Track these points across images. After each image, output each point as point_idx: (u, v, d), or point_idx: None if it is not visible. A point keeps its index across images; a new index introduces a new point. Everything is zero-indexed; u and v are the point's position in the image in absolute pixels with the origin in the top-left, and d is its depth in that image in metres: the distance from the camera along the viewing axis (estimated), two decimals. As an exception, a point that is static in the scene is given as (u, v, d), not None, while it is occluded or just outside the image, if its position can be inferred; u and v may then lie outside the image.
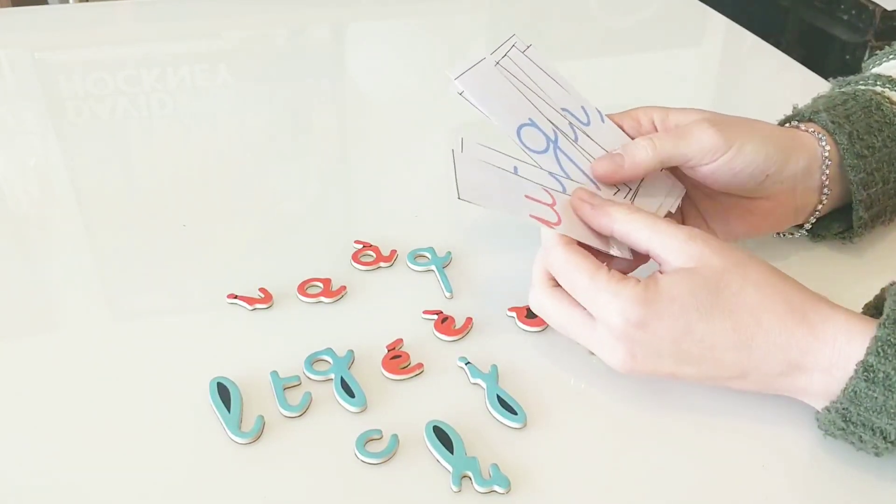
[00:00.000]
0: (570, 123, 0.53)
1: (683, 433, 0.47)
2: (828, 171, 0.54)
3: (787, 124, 0.58)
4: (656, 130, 0.54)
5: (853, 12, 1.38)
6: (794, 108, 0.59)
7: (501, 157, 0.50)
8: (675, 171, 0.55)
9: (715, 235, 0.55)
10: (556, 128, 0.52)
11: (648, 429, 0.47)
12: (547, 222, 0.48)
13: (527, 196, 0.48)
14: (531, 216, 0.47)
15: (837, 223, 0.59)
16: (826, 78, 0.85)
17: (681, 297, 0.44)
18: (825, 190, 0.55)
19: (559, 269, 0.47)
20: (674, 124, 0.54)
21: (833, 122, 0.55)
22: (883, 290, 0.46)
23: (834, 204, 0.57)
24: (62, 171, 0.72)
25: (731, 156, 0.51)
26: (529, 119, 0.52)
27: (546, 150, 0.51)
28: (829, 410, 0.44)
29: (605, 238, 0.49)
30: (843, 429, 0.44)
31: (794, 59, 0.90)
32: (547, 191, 0.50)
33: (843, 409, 0.43)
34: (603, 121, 0.55)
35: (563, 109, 0.54)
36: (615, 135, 0.55)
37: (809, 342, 0.43)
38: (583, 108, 0.55)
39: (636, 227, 0.47)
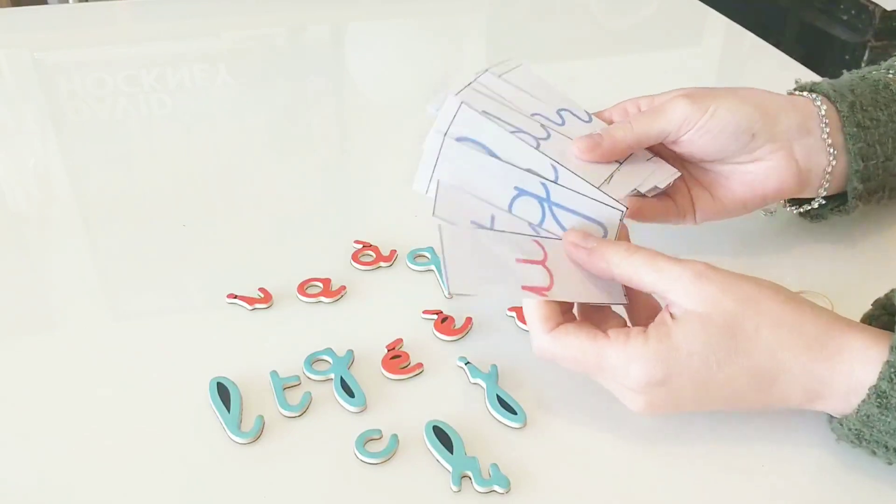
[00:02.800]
0: (543, 125, 0.52)
1: (684, 433, 0.47)
2: (828, 130, 0.54)
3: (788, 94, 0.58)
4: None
5: (853, 12, 1.38)
6: (797, 81, 0.59)
7: (478, 205, 0.49)
8: (664, 151, 0.55)
9: (725, 208, 0.56)
10: (533, 135, 0.51)
11: (649, 428, 0.47)
12: (538, 289, 0.45)
13: (518, 260, 0.46)
14: (524, 288, 0.45)
15: (834, 200, 0.58)
16: (826, 78, 0.85)
17: (698, 350, 0.42)
18: (830, 150, 0.54)
19: (557, 355, 0.45)
20: (657, 103, 0.54)
21: (834, 91, 0.55)
22: (893, 290, 0.45)
23: (841, 175, 0.56)
24: (62, 170, 0.72)
25: (705, 119, 0.51)
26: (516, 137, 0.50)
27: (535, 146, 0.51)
28: (841, 425, 0.43)
29: (598, 289, 0.47)
30: (856, 443, 0.44)
31: (794, 58, 0.90)
32: (537, 241, 0.48)
33: (856, 429, 0.43)
34: (589, 120, 0.55)
35: (535, 115, 0.53)
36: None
37: (828, 374, 0.42)
38: (558, 112, 0.54)
39: (637, 269, 0.44)
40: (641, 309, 0.47)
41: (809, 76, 0.85)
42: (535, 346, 0.46)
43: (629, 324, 0.47)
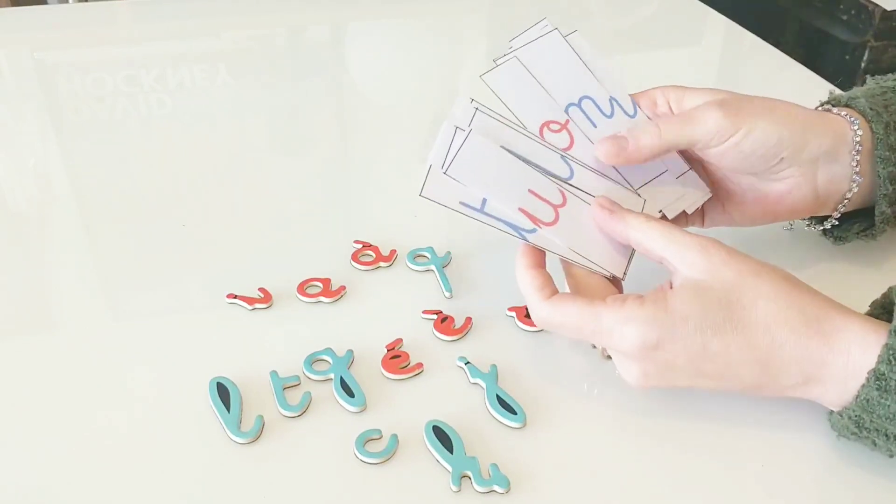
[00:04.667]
0: (586, 114, 0.53)
1: (684, 432, 0.47)
2: (858, 157, 0.52)
3: (821, 108, 0.56)
4: (672, 112, 0.53)
5: (853, 12, 1.38)
6: (831, 93, 0.58)
7: (511, 133, 0.50)
8: (687, 153, 0.53)
9: (733, 220, 0.55)
10: (572, 119, 0.52)
11: (649, 428, 0.47)
12: (535, 220, 0.47)
13: (530, 191, 0.48)
14: (520, 210, 0.46)
15: (858, 223, 0.57)
16: (826, 78, 0.85)
17: (693, 315, 0.43)
18: (855, 177, 0.53)
19: (556, 323, 0.46)
20: (687, 106, 0.52)
21: (872, 109, 0.53)
22: (890, 289, 0.45)
23: (862, 198, 0.55)
24: (62, 170, 0.72)
25: (738, 138, 0.49)
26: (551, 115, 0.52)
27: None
28: (841, 416, 0.44)
29: (601, 253, 0.49)
30: (857, 433, 0.44)
31: (794, 58, 0.90)
32: (561, 191, 0.49)
33: (856, 416, 0.43)
34: (634, 114, 0.54)
35: (585, 97, 0.53)
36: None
37: (824, 354, 0.43)
38: (611, 99, 0.53)
39: (652, 235, 0.46)
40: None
41: (809, 76, 0.85)
42: (535, 316, 0.47)
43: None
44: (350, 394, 0.48)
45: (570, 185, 0.50)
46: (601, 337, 0.45)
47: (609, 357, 0.48)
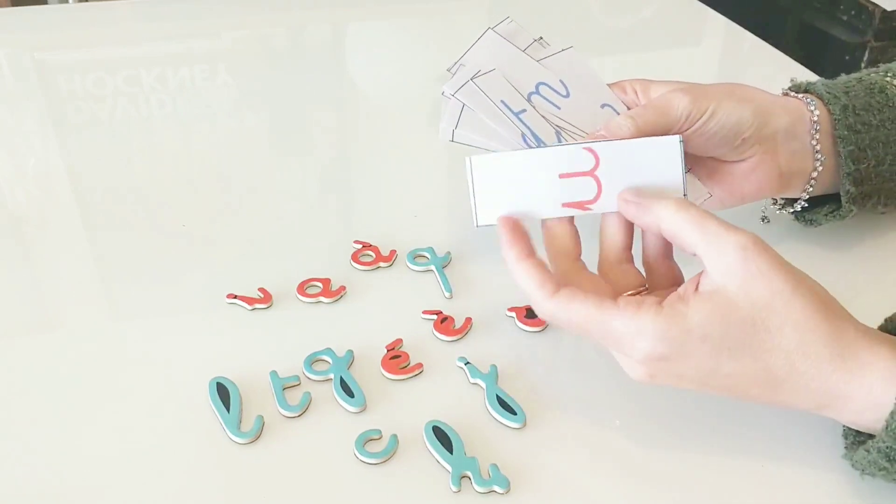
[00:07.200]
0: (547, 98, 0.53)
1: (684, 433, 0.47)
2: (818, 136, 0.54)
3: (783, 94, 0.58)
4: (637, 98, 0.55)
5: (853, 13, 1.38)
6: (793, 80, 0.59)
7: (510, 91, 0.51)
8: None
9: (701, 203, 0.55)
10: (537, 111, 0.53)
11: (648, 428, 0.47)
12: (581, 204, 0.46)
13: (561, 175, 0.47)
14: (564, 206, 0.46)
15: (828, 205, 0.58)
16: (826, 78, 0.85)
17: (713, 336, 0.40)
18: (818, 156, 0.55)
19: (561, 320, 0.44)
20: (652, 95, 0.54)
21: (829, 93, 0.55)
22: None
23: (831, 180, 0.56)
24: (62, 171, 0.72)
25: (703, 120, 0.51)
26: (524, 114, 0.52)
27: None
28: (868, 451, 0.41)
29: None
30: (887, 469, 0.41)
31: (794, 59, 0.90)
32: (589, 149, 0.47)
33: (886, 448, 0.40)
34: (587, 82, 0.55)
35: (540, 84, 0.54)
36: (595, 107, 0.54)
37: (843, 388, 0.41)
38: (561, 80, 0.55)
39: (682, 226, 0.43)
40: (662, 278, 0.46)
41: (809, 77, 0.85)
42: (540, 313, 0.45)
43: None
44: (350, 394, 0.48)
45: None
46: (609, 342, 0.43)
47: None
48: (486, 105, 0.51)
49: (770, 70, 0.91)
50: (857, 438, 0.43)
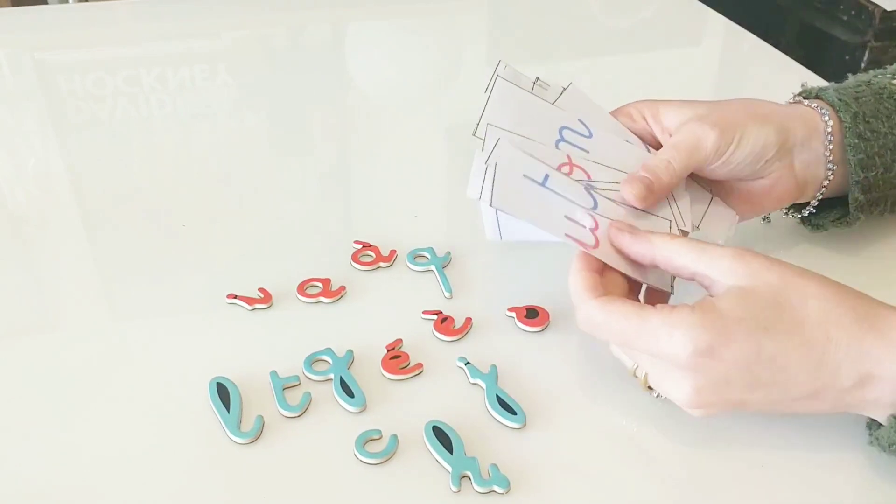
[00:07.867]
0: (573, 143, 0.53)
1: (685, 433, 0.47)
2: (831, 147, 0.54)
3: (793, 100, 0.58)
4: (648, 125, 0.55)
5: (853, 13, 1.38)
6: (803, 85, 0.59)
7: (532, 163, 0.49)
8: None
9: None
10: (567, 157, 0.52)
11: (648, 429, 0.47)
12: (583, 244, 0.47)
13: (566, 216, 0.48)
14: (567, 235, 0.46)
15: (835, 211, 0.58)
16: (826, 78, 0.85)
17: (745, 317, 0.41)
18: (829, 164, 0.55)
19: (600, 323, 0.44)
20: (666, 123, 0.54)
21: (840, 100, 0.55)
22: None
23: (839, 186, 0.56)
24: (62, 170, 0.72)
25: (731, 151, 0.51)
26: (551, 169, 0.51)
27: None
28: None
29: (643, 268, 0.48)
30: None
31: (794, 59, 0.90)
32: (591, 215, 0.49)
33: None
34: (610, 126, 0.54)
35: (563, 128, 0.53)
36: (620, 142, 0.54)
37: (879, 351, 0.41)
38: (580, 120, 0.54)
39: (680, 250, 0.45)
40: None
41: (809, 77, 0.85)
42: (581, 314, 0.45)
43: None
44: (350, 394, 0.48)
45: (598, 214, 0.49)
46: (647, 341, 0.42)
47: (651, 388, 0.46)
48: (518, 203, 0.48)
49: (770, 70, 0.91)
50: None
